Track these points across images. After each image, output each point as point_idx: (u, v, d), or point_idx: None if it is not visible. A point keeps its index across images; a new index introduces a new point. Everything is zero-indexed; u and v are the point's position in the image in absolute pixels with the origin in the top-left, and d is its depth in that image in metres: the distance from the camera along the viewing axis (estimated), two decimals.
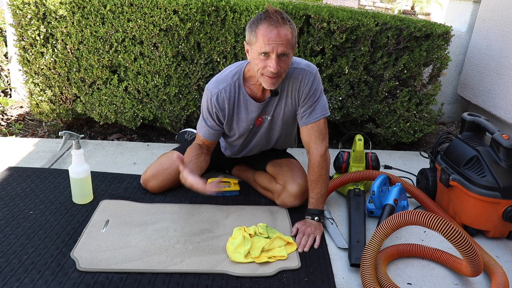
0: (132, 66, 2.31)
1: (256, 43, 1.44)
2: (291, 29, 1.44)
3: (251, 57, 1.51)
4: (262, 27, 1.41)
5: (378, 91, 2.45)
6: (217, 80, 1.64)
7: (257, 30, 1.42)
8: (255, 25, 1.43)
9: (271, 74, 1.46)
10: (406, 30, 2.32)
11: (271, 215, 1.74)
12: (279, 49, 1.41)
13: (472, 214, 1.67)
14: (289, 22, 1.44)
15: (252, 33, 1.45)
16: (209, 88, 1.64)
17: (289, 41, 1.43)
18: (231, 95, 1.62)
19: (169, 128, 2.54)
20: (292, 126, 1.80)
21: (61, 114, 2.52)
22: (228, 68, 1.68)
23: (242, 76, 1.62)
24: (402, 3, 12.77)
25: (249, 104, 1.64)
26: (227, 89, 1.61)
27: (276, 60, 1.43)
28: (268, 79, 1.48)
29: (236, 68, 1.64)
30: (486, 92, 2.90)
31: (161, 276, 1.36)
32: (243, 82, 1.62)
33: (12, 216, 1.64)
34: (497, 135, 1.65)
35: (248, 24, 1.47)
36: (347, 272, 1.45)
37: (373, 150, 2.47)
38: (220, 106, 1.64)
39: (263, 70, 1.46)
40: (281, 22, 1.41)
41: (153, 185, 1.83)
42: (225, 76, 1.63)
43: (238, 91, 1.62)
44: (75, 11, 2.23)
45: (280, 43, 1.41)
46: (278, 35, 1.40)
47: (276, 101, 1.65)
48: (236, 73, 1.62)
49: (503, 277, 1.38)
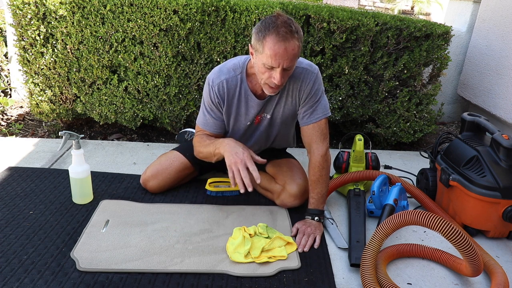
0: (132, 66, 2.31)
1: (263, 54, 1.41)
2: (299, 41, 1.42)
3: (255, 62, 1.50)
4: (270, 39, 1.38)
5: (378, 91, 2.46)
6: (219, 70, 1.63)
7: (264, 42, 1.39)
8: (263, 34, 1.40)
9: (275, 85, 1.47)
10: (406, 30, 2.32)
11: (271, 215, 1.74)
12: (285, 64, 1.41)
13: (472, 214, 1.67)
14: (297, 34, 1.41)
15: (259, 42, 1.42)
16: (210, 78, 1.63)
17: (296, 55, 1.42)
18: (232, 86, 1.62)
19: (169, 128, 2.54)
20: (291, 125, 1.81)
21: (61, 114, 2.52)
22: (230, 61, 1.66)
23: (245, 71, 1.61)
24: (402, 3, 12.78)
25: (250, 99, 1.64)
26: (229, 81, 1.61)
27: (281, 73, 1.42)
28: (270, 88, 1.50)
29: (239, 61, 1.63)
30: (486, 92, 2.90)
31: (161, 276, 1.36)
32: (246, 77, 1.62)
33: (12, 216, 1.64)
34: (497, 135, 1.65)
35: (256, 29, 1.44)
36: (347, 272, 1.45)
37: (373, 150, 2.47)
38: (221, 96, 1.63)
39: (267, 80, 1.47)
40: (289, 36, 1.38)
41: (153, 185, 1.84)
42: (228, 69, 1.62)
43: (240, 85, 1.62)
44: (75, 11, 2.23)
45: (286, 59, 1.40)
46: (286, 51, 1.38)
47: (276, 100, 1.65)
48: (239, 67, 1.62)
49: (503, 277, 1.38)
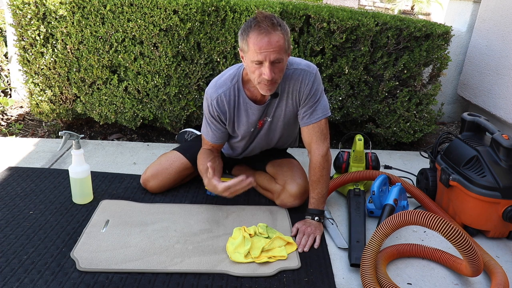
0: (132, 66, 2.31)
1: (249, 52, 1.43)
2: (283, 33, 1.42)
3: (246, 64, 1.51)
4: (253, 35, 1.40)
5: (378, 91, 2.45)
6: (215, 84, 1.64)
7: (248, 39, 1.41)
8: (246, 33, 1.42)
9: (266, 81, 1.46)
10: (406, 30, 2.32)
11: (271, 215, 1.74)
12: (271, 57, 1.41)
13: (472, 214, 1.67)
14: (280, 26, 1.42)
15: (243, 41, 1.44)
16: (208, 93, 1.64)
17: (281, 47, 1.42)
18: (230, 98, 1.62)
19: (169, 128, 2.54)
20: (294, 126, 1.81)
21: (61, 114, 2.52)
22: (226, 71, 1.67)
23: (241, 79, 1.61)
24: (402, 3, 12.78)
25: (249, 107, 1.64)
26: (226, 93, 1.61)
27: (269, 67, 1.42)
28: (264, 86, 1.49)
29: (234, 71, 1.63)
30: (486, 92, 2.89)
31: (161, 276, 1.36)
32: (242, 85, 1.62)
33: (12, 216, 1.64)
34: (497, 135, 1.65)
35: (240, 32, 1.46)
36: (347, 272, 1.45)
37: (373, 150, 2.47)
38: (221, 109, 1.64)
39: (259, 78, 1.47)
40: (271, 29, 1.39)
41: (153, 185, 1.84)
42: (224, 80, 1.63)
43: (238, 95, 1.62)
44: (75, 11, 2.23)
45: (272, 51, 1.40)
46: (269, 43, 1.39)
47: (276, 103, 1.65)
48: (235, 76, 1.62)
49: (503, 277, 1.38)
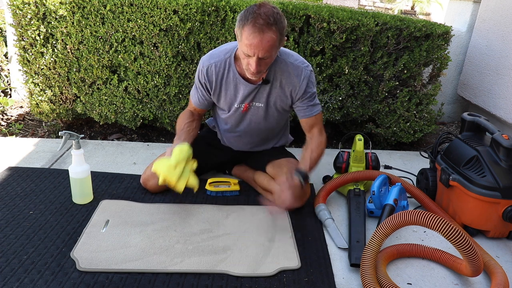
0: (132, 66, 2.31)
1: (241, 42, 1.49)
2: (276, 32, 1.46)
3: (238, 47, 1.57)
4: (247, 29, 1.44)
5: (378, 91, 2.45)
6: (211, 54, 1.72)
7: (243, 31, 1.46)
8: (242, 24, 1.46)
9: (252, 73, 1.53)
10: (406, 30, 2.32)
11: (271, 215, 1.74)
12: (260, 54, 1.47)
13: (472, 214, 1.67)
14: (275, 25, 1.44)
15: (239, 29, 1.48)
16: (202, 60, 1.73)
17: (272, 46, 1.47)
18: (219, 70, 1.69)
19: (169, 128, 2.54)
20: (285, 115, 1.88)
21: (61, 114, 2.52)
22: (224, 45, 1.76)
23: (234, 55, 1.68)
24: (402, 3, 12.78)
25: (239, 82, 1.70)
26: (217, 64, 1.69)
27: (256, 62, 1.49)
28: (249, 73, 1.57)
29: (230, 47, 1.71)
30: (486, 92, 2.89)
31: (161, 276, 1.36)
32: (234, 61, 1.68)
33: (12, 216, 1.64)
34: (497, 135, 1.65)
35: (239, 16, 1.49)
36: (347, 272, 1.45)
37: (373, 150, 2.47)
38: (209, 79, 1.72)
39: (246, 66, 1.54)
40: (265, 28, 1.42)
41: (153, 184, 1.83)
42: (219, 53, 1.71)
43: (228, 69, 1.69)
44: (75, 11, 2.23)
45: (261, 49, 1.45)
46: (260, 42, 1.44)
47: (268, 90, 1.71)
48: (228, 52, 1.69)
49: (503, 277, 1.38)
